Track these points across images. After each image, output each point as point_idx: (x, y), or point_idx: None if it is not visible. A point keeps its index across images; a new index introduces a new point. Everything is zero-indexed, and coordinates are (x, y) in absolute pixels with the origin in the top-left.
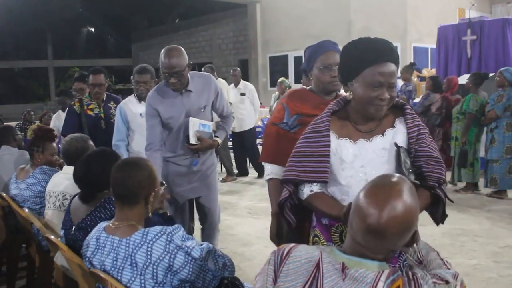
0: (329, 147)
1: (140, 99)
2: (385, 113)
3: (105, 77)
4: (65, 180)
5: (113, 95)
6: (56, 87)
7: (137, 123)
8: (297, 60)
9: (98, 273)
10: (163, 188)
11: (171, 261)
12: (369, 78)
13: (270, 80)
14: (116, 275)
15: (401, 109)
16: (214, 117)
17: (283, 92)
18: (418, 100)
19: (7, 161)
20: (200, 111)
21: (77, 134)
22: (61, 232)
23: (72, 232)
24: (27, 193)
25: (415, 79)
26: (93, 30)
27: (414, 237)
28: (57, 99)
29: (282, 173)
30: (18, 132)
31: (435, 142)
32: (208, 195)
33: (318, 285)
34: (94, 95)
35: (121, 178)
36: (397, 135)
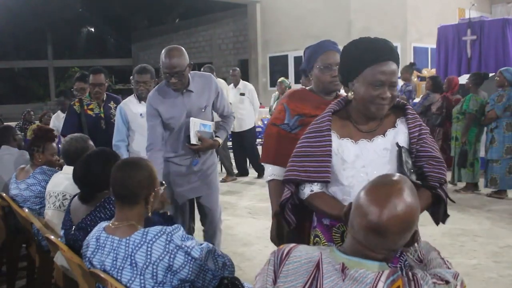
0: (330, 146)
1: (140, 99)
2: (386, 113)
3: (105, 77)
4: (65, 180)
5: (113, 95)
6: (56, 87)
7: (137, 123)
8: (297, 60)
9: (98, 273)
10: (163, 188)
11: (171, 261)
12: (370, 78)
13: (270, 80)
14: (116, 275)
15: (402, 109)
16: (215, 116)
17: (283, 92)
18: (418, 100)
19: (7, 161)
20: (201, 111)
21: (77, 134)
22: (61, 232)
23: (72, 232)
24: (27, 193)
25: (415, 79)
26: (93, 30)
27: (414, 237)
28: (56, 100)
29: (283, 174)
30: (18, 132)
31: (436, 142)
32: (209, 194)
33: (318, 286)
34: (94, 95)
35: (121, 178)
36: (398, 135)
